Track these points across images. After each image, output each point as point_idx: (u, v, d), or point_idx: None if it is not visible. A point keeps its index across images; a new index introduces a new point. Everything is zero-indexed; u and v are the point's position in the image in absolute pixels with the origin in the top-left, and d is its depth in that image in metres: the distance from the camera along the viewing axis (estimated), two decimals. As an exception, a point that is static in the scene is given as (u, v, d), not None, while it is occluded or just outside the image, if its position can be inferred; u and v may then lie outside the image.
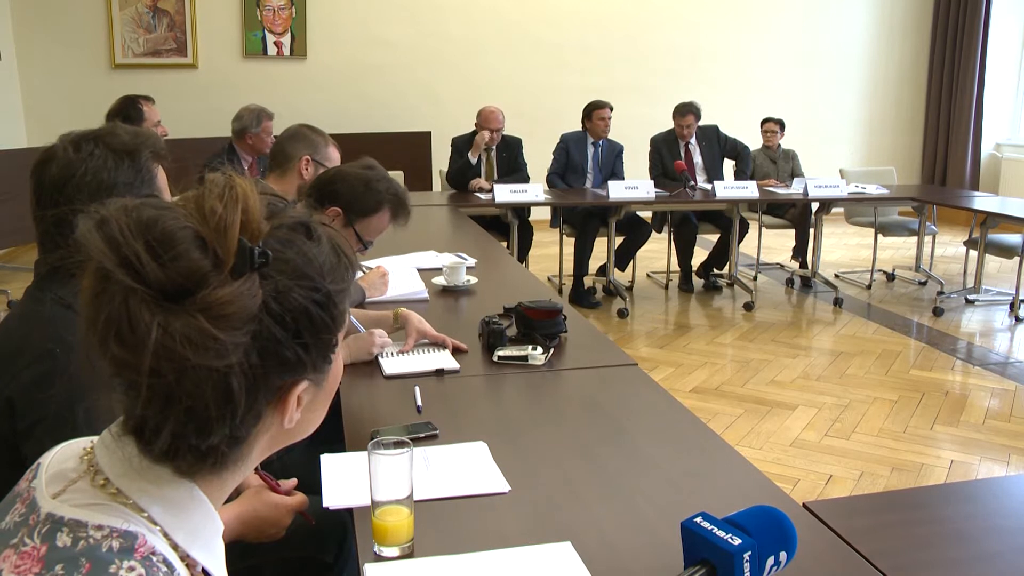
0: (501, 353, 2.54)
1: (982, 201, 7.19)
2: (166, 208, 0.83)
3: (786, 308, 6.80)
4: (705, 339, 5.86)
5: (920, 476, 3.86)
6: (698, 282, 7.19)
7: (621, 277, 6.92)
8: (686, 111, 6.97)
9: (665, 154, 7.02)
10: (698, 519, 1.40)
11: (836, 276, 7.49)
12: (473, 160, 6.51)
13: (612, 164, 6.90)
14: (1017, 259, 6.54)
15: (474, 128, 6.56)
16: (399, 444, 1.54)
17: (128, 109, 4.86)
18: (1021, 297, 6.62)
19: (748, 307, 6.58)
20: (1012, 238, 6.63)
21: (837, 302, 6.75)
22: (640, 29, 9.72)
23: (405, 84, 9.30)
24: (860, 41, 10.50)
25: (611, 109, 6.78)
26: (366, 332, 2.51)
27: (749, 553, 1.33)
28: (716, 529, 1.36)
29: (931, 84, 10.70)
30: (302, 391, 0.88)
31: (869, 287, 7.33)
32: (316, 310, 0.85)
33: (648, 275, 7.48)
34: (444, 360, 2.52)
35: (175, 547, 0.84)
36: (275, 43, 9.01)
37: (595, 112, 6.75)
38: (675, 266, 7.16)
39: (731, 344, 5.77)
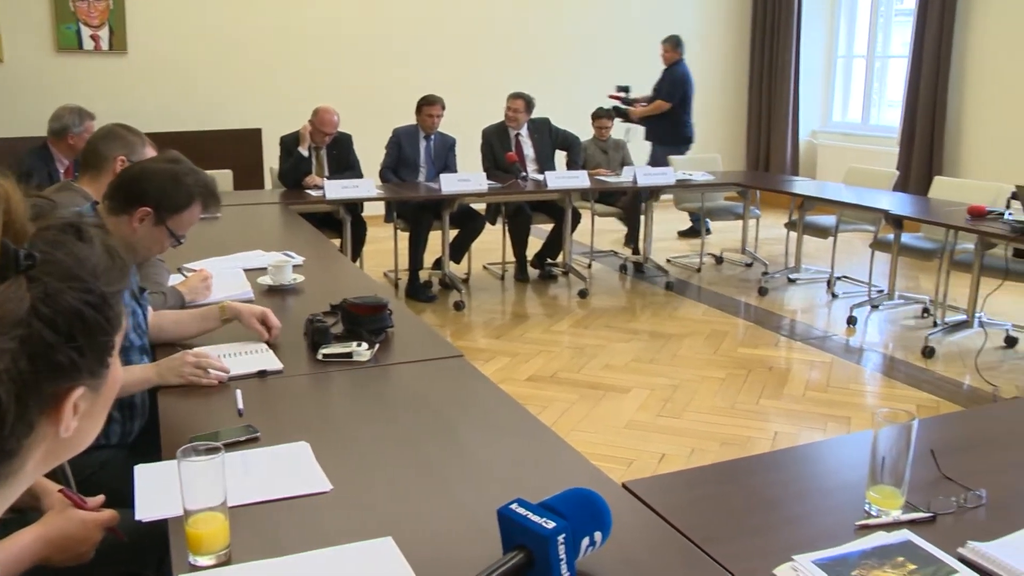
0: (325, 351, 2.51)
1: (801, 185, 7.55)
2: (-77, 211, 0.78)
3: (620, 294, 6.97)
4: (541, 328, 5.94)
5: (747, 449, 4.03)
6: (533, 272, 7.28)
7: (457, 270, 6.93)
8: (517, 95, 7.07)
9: (496, 146, 7.07)
10: (514, 505, 1.42)
11: (668, 261, 7.72)
12: (304, 153, 6.38)
13: (445, 157, 6.91)
14: (832, 239, 6.90)
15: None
16: (212, 450, 1.50)
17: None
18: (837, 275, 6.99)
19: (583, 294, 6.70)
20: (827, 219, 6.99)
21: (668, 286, 6.96)
22: (473, 23, 9.77)
23: (233, 80, 9.05)
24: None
25: (443, 106, 6.77)
26: (180, 353, 2.34)
27: (564, 535, 1.36)
28: (531, 514, 1.38)
29: (752, 77, 11.20)
30: (78, 398, 0.84)
31: (699, 270, 7.59)
32: (90, 312, 0.82)
33: (484, 267, 7.52)
34: (267, 361, 2.46)
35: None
36: (92, 36, 8.61)
37: (424, 108, 6.74)
38: (510, 257, 7.22)
39: (567, 331, 5.88)
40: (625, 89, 8.48)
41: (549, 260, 7.30)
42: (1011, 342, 5.66)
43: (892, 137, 9.56)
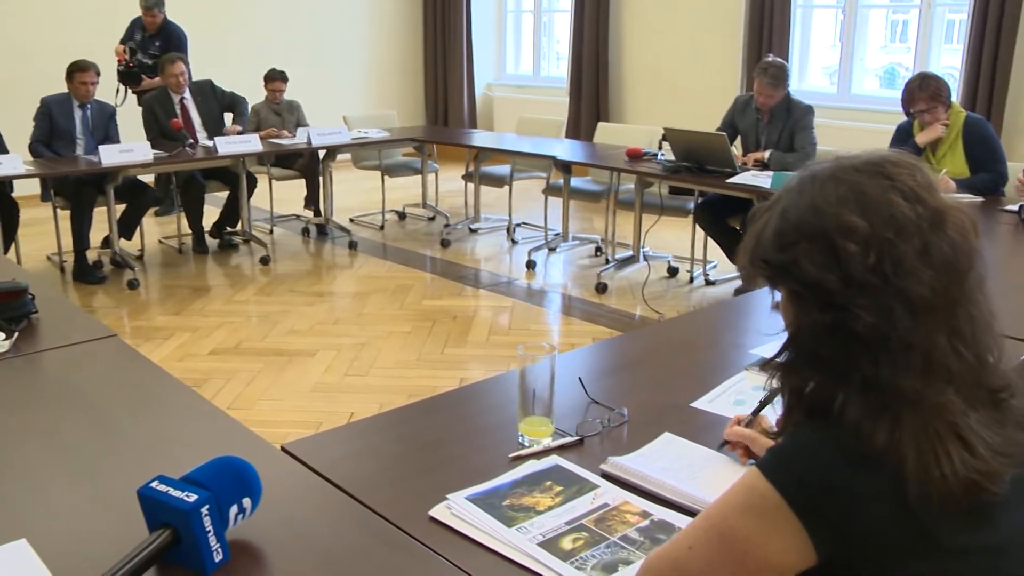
0: (-46, 346, 2.28)
1: (476, 137, 7.76)
2: None
3: (304, 257, 6.88)
4: (223, 299, 5.74)
5: (434, 398, 4.11)
6: (213, 242, 6.99)
7: (129, 246, 6.52)
8: (175, 59, 6.76)
9: (160, 113, 6.71)
10: (154, 483, 1.35)
11: (351, 221, 7.68)
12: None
13: (105, 127, 6.45)
14: (507, 188, 7.15)
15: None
16: None
17: None
18: (516, 222, 7.26)
19: (264, 261, 6.53)
20: (502, 169, 7.23)
21: (352, 245, 6.94)
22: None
23: None
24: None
25: (97, 72, 6.30)
26: None
27: (207, 507, 1.31)
28: (172, 490, 1.33)
29: (426, 33, 11.31)
30: None
31: (382, 228, 7.62)
32: None
33: (160, 241, 7.14)
34: None
35: None
36: None
37: (76, 74, 6.23)
38: (187, 228, 6.89)
39: (250, 300, 5.71)
40: (134, 51, 7.87)
41: (228, 229, 7.03)
42: (673, 272, 6.14)
43: (562, 88, 10.01)
